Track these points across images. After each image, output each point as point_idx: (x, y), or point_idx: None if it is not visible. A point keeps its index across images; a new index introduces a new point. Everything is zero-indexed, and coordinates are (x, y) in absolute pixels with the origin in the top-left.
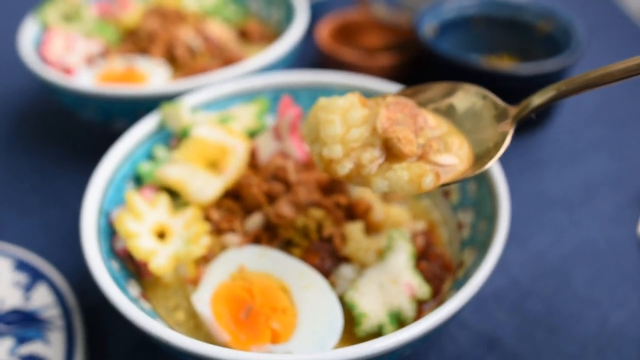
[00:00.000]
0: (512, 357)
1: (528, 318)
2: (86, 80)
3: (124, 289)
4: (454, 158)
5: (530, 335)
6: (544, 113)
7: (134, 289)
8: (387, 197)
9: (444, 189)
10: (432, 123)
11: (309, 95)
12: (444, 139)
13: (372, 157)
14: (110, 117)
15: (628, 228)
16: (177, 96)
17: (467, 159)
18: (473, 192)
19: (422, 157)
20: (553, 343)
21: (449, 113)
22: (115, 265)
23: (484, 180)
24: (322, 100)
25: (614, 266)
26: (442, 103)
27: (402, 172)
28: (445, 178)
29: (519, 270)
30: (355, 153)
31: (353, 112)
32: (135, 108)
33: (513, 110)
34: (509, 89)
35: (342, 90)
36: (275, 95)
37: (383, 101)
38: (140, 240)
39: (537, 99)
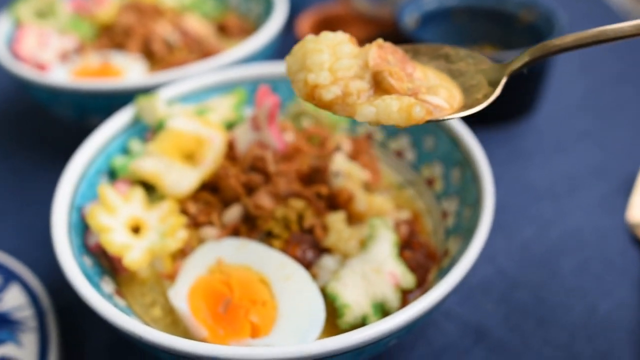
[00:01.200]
0: (501, 347)
1: (516, 308)
2: (60, 76)
3: (97, 286)
4: (443, 102)
5: (518, 326)
6: (527, 102)
7: (108, 286)
8: (369, 186)
9: (427, 178)
10: (420, 75)
11: (288, 87)
12: (432, 89)
13: (361, 87)
14: (86, 113)
15: (614, 217)
16: (154, 90)
17: (457, 108)
18: (457, 180)
19: (412, 95)
20: (542, 333)
21: (440, 67)
22: (88, 261)
23: (468, 167)
24: (311, 35)
25: (601, 255)
26: (433, 58)
27: (391, 101)
28: (436, 115)
29: (506, 261)
30: (343, 82)
31: (343, 46)
32: (111, 103)
33: (505, 65)
34: None
35: None
36: (253, 87)
37: (375, 43)
38: (114, 234)
39: (530, 54)
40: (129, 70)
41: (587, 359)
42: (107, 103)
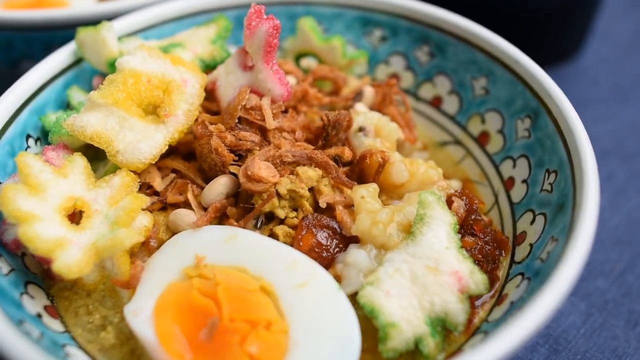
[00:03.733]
0: None
1: (597, 304)
2: None
3: (14, 303)
4: None
5: (604, 329)
6: (573, 42)
7: (36, 302)
8: (403, 147)
9: (478, 133)
10: None
11: (285, 13)
12: None
13: None
14: (17, 57)
15: None
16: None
17: None
18: (524, 133)
19: None
20: (635, 336)
21: None
22: (3, 265)
23: (544, 115)
24: None
25: None
26: None
27: None
28: None
29: None
30: None
31: None
32: (49, 42)
33: None
34: None
35: (327, 6)
36: (239, 14)
37: None
38: (40, 225)
39: None
40: (75, 1)
41: None
42: (42, 41)
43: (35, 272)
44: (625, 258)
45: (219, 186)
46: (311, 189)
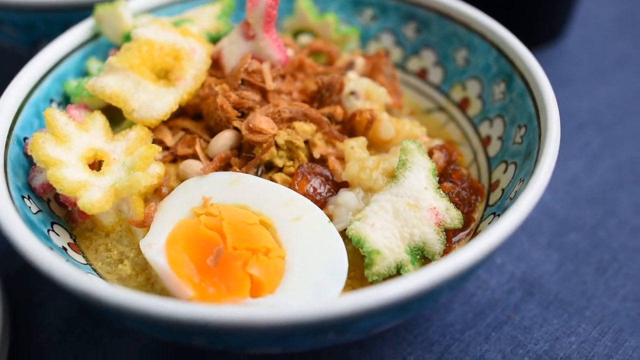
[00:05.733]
0: (557, 302)
1: (570, 255)
2: None
3: (43, 236)
4: None
5: (575, 276)
6: (556, 26)
7: (61, 238)
8: (391, 111)
9: (460, 100)
10: None
11: None
12: None
13: None
14: (37, 37)
15: None
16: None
17: None
18: (501, 97)
19: None
20: (604, 282)
21: None
22: (32, 205)
23: (517, 77)
24: None
25: None
26: None
27: None
28: None
29: (553, 200)
30: None
31: None
32: (68, 23)
33: None
34: None
35: None
36: None
37: None
38: (66, 170)
39: None
40: None
41: None
42: (63, 22)
43: (60, 215)
44: (598, 215)
45: (224, 139)
46: (306, 143)
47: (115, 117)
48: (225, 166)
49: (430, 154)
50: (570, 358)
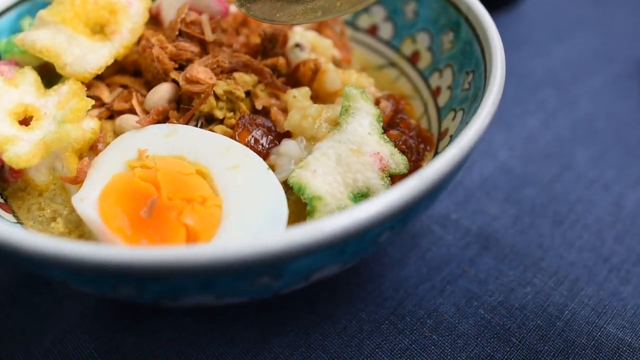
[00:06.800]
0: (513, 255)
1: (526, 209)
2: None
3: None
4: None
5: (531, 229)
6: None
7: None
8: (340, 65)
9: (410, 53)
10: None
11: None
12: None
13: None
14: None
15: (627, 101)
16: None
17: None
18: (449, 46)
19: None
20: (560, 234)
21: None
22: None
23: (463, 24)
24: None
25: (620, 143)
26: None
27: None
28: None
29: (510, 156)
30: None
31: None
32: None
33: None
34: None
35: None
36: None
37: None
38: None
39: None
40: None
41: (621, 261)
42: None
43: None
44: (555, 169)
45: (161, 91)
46: (249, 95)
47: (53, 80)
48: (164, 120)
49: (377, 103)
50: (525, 308)
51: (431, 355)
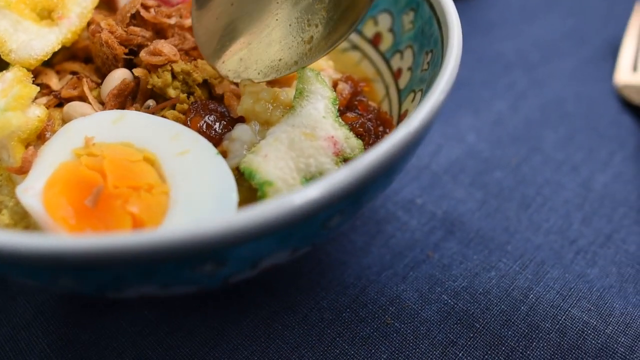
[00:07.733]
0: (478, 239)
1: (493, 192)
2: None
3: None
4: None
5: (498, 212)
6: None
7: None
8: None
9: (372, 36)
10: None
11: None
12: None
13: None
14: None
15: (599, 84)
16: None
17: None
18: (409, 25)
19: None
20: (527, 217)
21: None
22: None
23: (423, 3)
24: None
25: (588, 125)
26: None
27: None
28: None
29: (478, 140)
30: None
31: None
32: None
33: None
34: None
35: None
36: None
37: None
38: None
39: None
40: None
41: (588, 243)
42: None
43: None
44: (522, 152)
45: (115, 80)
46: (207, 83)
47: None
48: (122, 106)
49: (335, 85)
50: (489, 293)
51: (393, 342)
